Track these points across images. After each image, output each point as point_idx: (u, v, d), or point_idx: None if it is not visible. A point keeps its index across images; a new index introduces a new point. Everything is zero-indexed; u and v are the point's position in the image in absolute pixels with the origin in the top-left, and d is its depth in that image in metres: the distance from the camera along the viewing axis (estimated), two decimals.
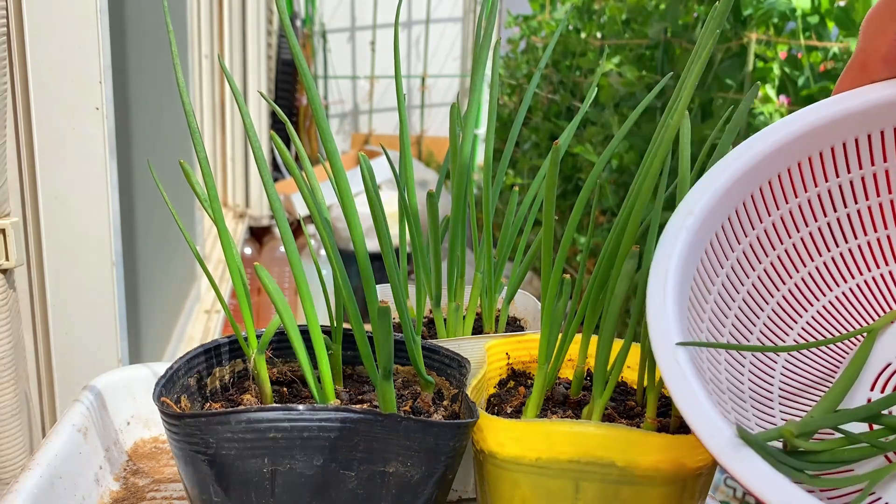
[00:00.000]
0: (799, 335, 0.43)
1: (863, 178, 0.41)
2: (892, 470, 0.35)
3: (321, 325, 0.42)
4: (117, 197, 0.83)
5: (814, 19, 1.52)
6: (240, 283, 0.43)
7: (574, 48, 2.48)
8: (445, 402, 0.44)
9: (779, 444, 0.34)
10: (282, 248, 2.61)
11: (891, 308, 0.42)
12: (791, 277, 0.43)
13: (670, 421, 0.42)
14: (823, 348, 0.43)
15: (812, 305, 0.43)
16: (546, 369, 0.43)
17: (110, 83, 0.79)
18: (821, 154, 0.41)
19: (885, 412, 0.37)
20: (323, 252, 2.41)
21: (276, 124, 3.11)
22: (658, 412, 0.43)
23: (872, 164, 0.41)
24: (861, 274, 0.43)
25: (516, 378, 0.49)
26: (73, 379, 0.83)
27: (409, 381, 0.47)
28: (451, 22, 4.31)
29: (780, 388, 0.42)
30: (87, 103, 0.77)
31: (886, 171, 0.41)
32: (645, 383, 0.45)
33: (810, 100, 1.52)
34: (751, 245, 0.41)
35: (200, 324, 1.68)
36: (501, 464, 0.39)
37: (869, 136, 0.40)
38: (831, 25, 1.51)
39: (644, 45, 2.06)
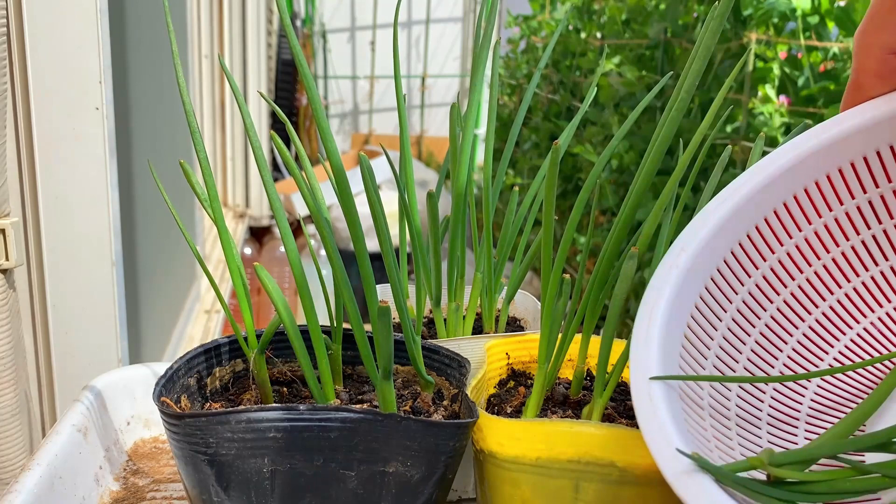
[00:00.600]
0: (831, 362, 0.42)
1: (869, 201, 0.40)
2: None
3: (321, 325, 0.42)
4: (117, 197, 0.83)
5: (814, 19, 1.52)
6: (240, 283, 0.43)
7: (574, 48, 2.49)
8: (445, 402, 0.44)
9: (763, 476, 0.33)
10: (282, 248, 2.61)
11: None
12: (810, 314, 0.42)
13: None
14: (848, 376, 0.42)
15: (838, 340, 0.42)
16: (546, 369, 0.43)
17: (110, 83, 0.79)
18: (828, 176, 0.40)
19: None
20: (323, 252, 2.41)
21: (276, 124, 3.11)
22: None
23: (889, 181, 0.39)
24: (873, 312, 0.42)
25: (516, 378, 0.49)
26: (73, 379, 0.83)
27: (409, 381, 0.47)
28: (451, 22, 4.31)
29: (806, 417, 0.40)
30: (87, 103, 0.77)
31: (894, 191, 0.40)
32: None
33: (810, 100, 1.52)
34: (764, 276, 0.40)
35: (200, 324, 1.68)
36: (501, 464, 0.39)
37: (878, 153, 0.39)
38: (831, 25, 1.51)
39: (644, 45, 2.06)
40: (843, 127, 0.39)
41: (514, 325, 0.56)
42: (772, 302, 0.41)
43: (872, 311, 0.42)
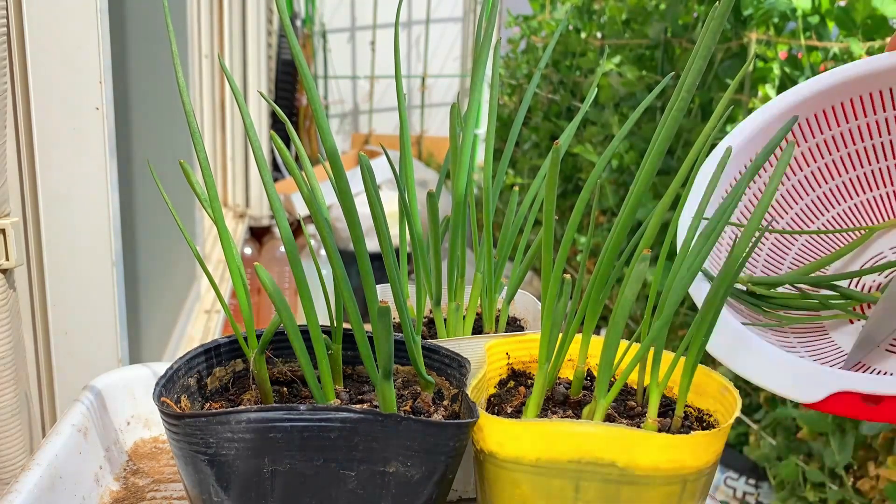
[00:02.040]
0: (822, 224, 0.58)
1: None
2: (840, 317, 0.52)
3: (321, 325, 0.42)
4: (117, 197, 0.83)
5: (814, 19, 1.52)
6: (240, 283, 0.43)
7: (574, 48, 2.48)
8: (445, 402, 0.44)
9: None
10: (282, 248, 2.61)
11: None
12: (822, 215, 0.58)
13: (671, 421, 0.42)
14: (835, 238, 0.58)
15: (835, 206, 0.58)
16: (546, 369, 0.43)
17: (110, 83, 0.79)
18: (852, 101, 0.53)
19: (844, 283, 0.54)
20: (323, 252, 2.41)
21: (276, 124, 3.11)
22: (659, 412, 0.43)
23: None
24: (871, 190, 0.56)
25: (516, 378, 0.49)
26: (73, 379, 0.83)
27: (409, 381, 0.47)
28: (451, 22, 4.31)
29: (790, 263, 0.57)
30: (87, 103, 0.77)
31: None
32: (647, 383, 0.45)
33: None
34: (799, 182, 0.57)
35: (200, 324, 1.68)
36: (501, 464, 0.39)
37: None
38: (831, 25, 1.51)
39: (644, 45, 2.06)
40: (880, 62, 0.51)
41: (514, 325, 0.56)
42: (801, 199, 0.58)
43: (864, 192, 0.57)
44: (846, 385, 0.39)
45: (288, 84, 3.65)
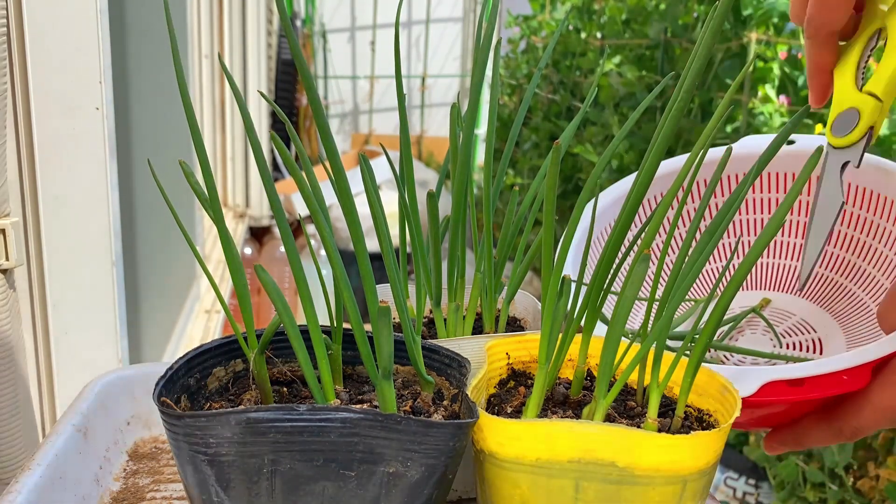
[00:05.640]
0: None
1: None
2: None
3: (321, 325, 0.42)
4: (117, 197, 0.83)
5: None
6: (240, 283, 0.43)
7: (574, 48, 2.48)
8: (445, 402, 0.44)
9: None
10: (282, 248, 2.61)
11: None
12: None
13: (671, 421, 0.42)
14: None
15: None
16: (546, 369, 0.43)
17: (110, 83, 0.79)
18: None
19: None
20: (323, 252, 2.41)
21: (276, 124, 3.11)
22: (659, 412, 0.43)
23: None
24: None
25: (516, 378, 0.49)
26: (73, 379, 0.83)
27: (409, 381, 0.47)
28: (451, 22, 4.31)
29: None
30: (87, 103, 0.77)
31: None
32: (647, 383, 0.45)
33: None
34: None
35: (200, 324, 1.68)
36: (501, 464, 0.39)
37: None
38: None
39: (644, 45, 2.06)
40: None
41: (514, 325, 0.56)
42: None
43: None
44: (772, 376, 0.47)
45: (288, 84, 3.65)
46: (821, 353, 0.60)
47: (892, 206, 0.59)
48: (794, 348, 0.62)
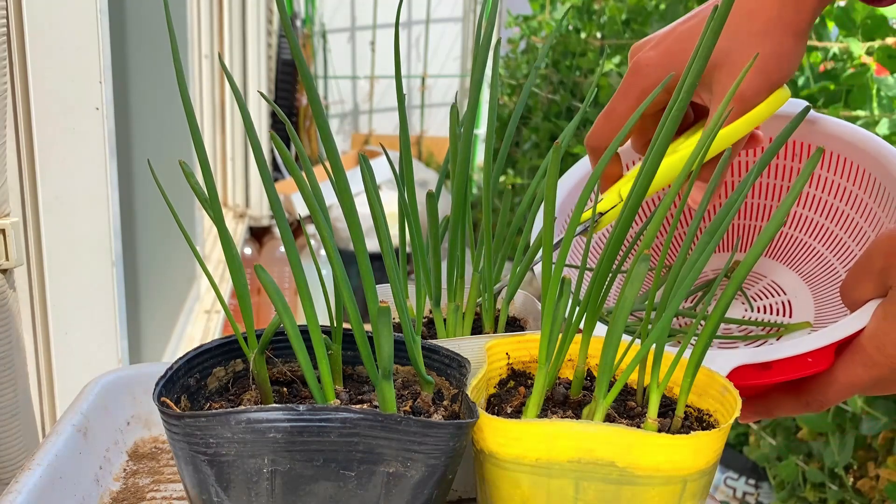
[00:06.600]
0: None
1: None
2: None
3: (321, 325, 0.42)
4: (117, 197, 0.83)
5: None
6: (240, 284, 0.43)
7: (574, 48, 2.48)
8: (445, 402, 0.44)
9: None
10: (282, 248, 2.61)
11: None
12: None
13: (671, 421, 0.42)
14: None
15: None
16: (546, 369, 0.43)
17: (110, 83, 0.79)
18: None
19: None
20: (323, 252, 2.41)
21: (276, 124, 3.11)
22: (659, 412, 0.43)
23: None
24: None
25: (516, 378, 0.49)
26: (73, 379, 0.83)
27: (409, 381, 0.47)
28: (451, 22, 4.31)
29: None
30: (87, 103, 0.77)
31: None
32: (647, 383, 0.45)
33: (810, 100, 1.52)
34: None
35: (200, 324, 1.68)
36: (501, 464, 0.39)
37: None
38: (831, 25, 1.51)
39: None
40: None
41: (514, 325, 0.56)
42: None
43: None
44: (741, 360, 0.49)
45: (288, 84, 3.64)
46: (790, 317, 0.63)
47: (865, 175, 0.60)
48: (765, 311, 0.64)
